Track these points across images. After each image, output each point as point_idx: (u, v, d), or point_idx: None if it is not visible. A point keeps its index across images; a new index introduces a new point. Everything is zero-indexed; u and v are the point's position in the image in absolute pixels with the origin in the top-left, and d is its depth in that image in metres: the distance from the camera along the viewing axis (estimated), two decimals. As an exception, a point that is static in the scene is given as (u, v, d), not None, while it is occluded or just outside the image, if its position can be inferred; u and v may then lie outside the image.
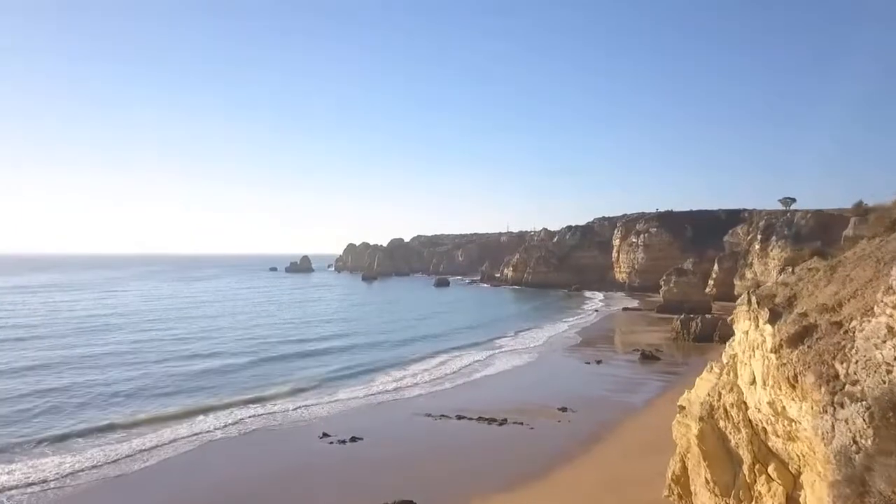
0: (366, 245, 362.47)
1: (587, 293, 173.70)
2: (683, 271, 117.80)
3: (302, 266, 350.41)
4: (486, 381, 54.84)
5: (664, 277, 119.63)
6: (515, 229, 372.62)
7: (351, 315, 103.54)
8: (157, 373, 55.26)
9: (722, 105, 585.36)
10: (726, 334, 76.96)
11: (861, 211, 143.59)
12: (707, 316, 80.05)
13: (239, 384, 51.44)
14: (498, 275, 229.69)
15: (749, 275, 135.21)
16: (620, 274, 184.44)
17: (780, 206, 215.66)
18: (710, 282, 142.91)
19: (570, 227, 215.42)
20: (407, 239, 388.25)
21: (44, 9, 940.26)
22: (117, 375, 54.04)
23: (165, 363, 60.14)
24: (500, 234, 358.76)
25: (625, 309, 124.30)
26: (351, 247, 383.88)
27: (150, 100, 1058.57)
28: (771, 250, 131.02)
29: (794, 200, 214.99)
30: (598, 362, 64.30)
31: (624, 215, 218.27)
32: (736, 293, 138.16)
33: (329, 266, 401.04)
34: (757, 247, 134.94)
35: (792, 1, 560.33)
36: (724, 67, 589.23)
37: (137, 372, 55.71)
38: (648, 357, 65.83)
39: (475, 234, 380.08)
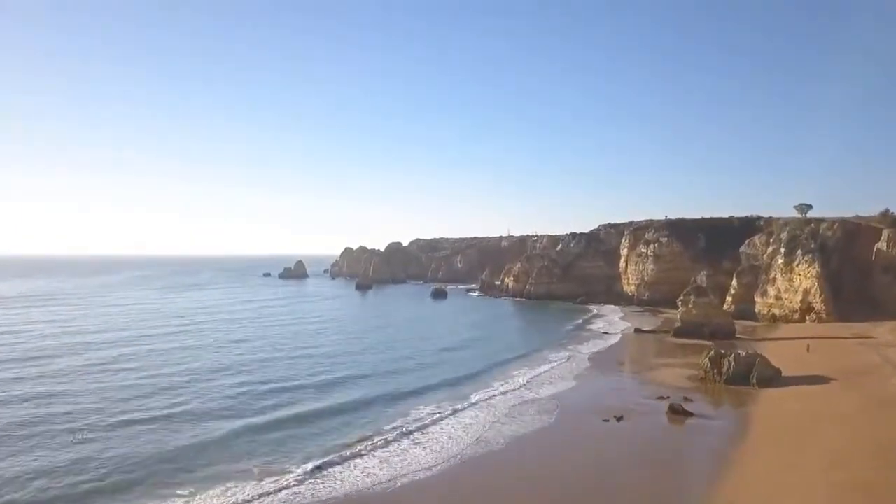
0: (363, 249, 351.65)
1: (593, 307, 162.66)
2: (702, 290, 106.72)
3: (296, 272, 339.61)
4: (475, 472, 43.01)
5: (682, 297, 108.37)
6: (517, 233, 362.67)
7: (333, 349, 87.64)
8: (46, 467, 40.24)
9: (729, 107, 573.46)
10: (764, 377, 66.27)
11: (890, 220, 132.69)
12: (741, 353, 68.86)
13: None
14: (498, 283, 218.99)
15: (772, 292, 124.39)
16: (629, 286, 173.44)
17: (795, 213, 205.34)
18: (728, 298, 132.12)
19: (574, 235, 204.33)
20: (406, 243, 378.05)
21: (42, 8, 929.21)
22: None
23: (77, 443, 45.09)
24: (501, 238, 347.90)
25: (637, 331, 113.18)
26: (348, 251, 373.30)
27: (149, 100, 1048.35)
28: (797, 265, 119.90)
29: (810, 207, 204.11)
30: (619, 419, 53.26)
31: (631, 222, 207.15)
32: (757, 311, 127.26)
33: (325, 271, 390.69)
34: (780, 261, 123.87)
35: (799, 1, 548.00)
36: (730, 69, 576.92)
37: (27, 463, 40.77)
38: (678, 412, 54.79)
39: (475, 237, 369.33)
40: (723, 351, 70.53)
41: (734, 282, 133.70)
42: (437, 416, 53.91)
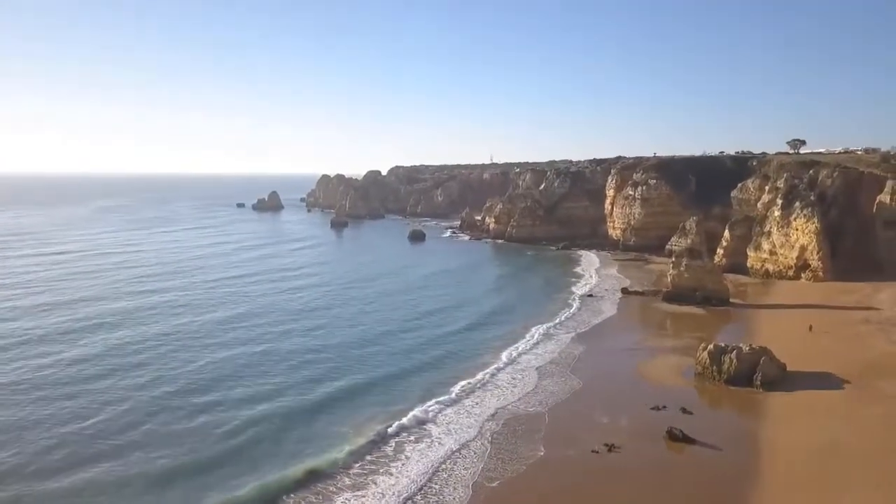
0: (340, 179, 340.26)
1: (579, 254, 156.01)
2: (695, 252, 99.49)
3: (270, 204, 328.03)
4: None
5: (673, 260, 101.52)
6: (500, 160, 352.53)
7: (304, 340, 76.38)
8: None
9: (719, 36, 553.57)
10: (769, 377, 59.78)
11: (890, 167, 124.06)
12: (743, 349, 62.29)
13: None
14: (479, 218, 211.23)
15: (766, 246, 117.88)
16: (614, 230, 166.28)
17: (787, 149, 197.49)
18: (720, 251, 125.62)
19: (558, 173, 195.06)
20: (385, 171, 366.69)
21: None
22: None
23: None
24: (483, 166, 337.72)
25: (625, 291, 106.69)
26: (324, 179, 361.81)
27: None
28: (794, 219, 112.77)
29: (803, 143, 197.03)
30: (611, 449, 46.84)
31: (619, 158, 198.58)
32: (749, 265, 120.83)
33: (301, 199, 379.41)
34: (777, 213, 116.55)
35: None
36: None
37: None
38: (678, 438, 48.37)
39: (457, 165, 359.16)
40: (723, 345, 63.99)
41: (726, 233, 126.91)
42: (405, 454, 46.64)
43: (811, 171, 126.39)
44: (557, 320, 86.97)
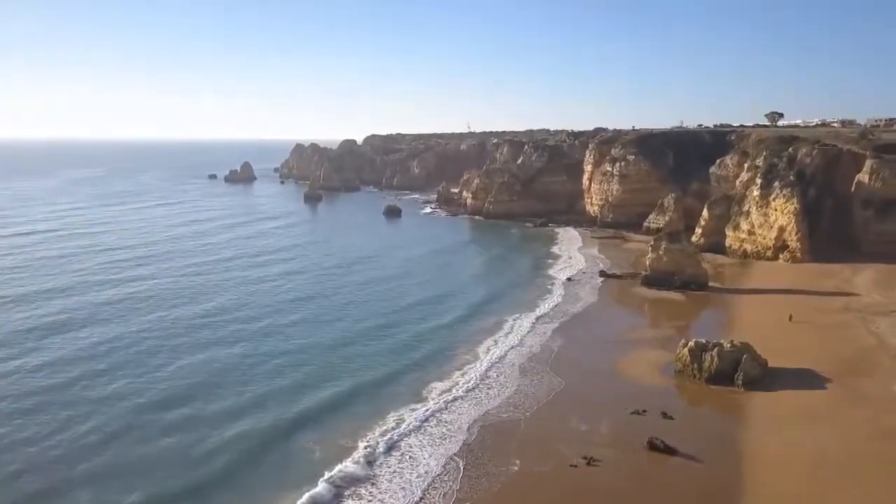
0: (314, 149, 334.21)
1: (557, 230, 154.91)
2: (675, 235, 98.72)
3: (242, 175, 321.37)
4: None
5: (652, 242, 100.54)
6: (477, 129, 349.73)
7: (259, 324, 74.81)
8: None
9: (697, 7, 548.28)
10: (751, 376, 58.99)
11: (873, 147, 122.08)
12: (725, 346, 61.51)
13: None
14: (455, 191, 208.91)
15: (745, 226, 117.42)
16: (592, 206, 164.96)
17: (765, 121, 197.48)
18: (698, 230, 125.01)
19: (536, 146, 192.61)
20: (360, 140, 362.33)
21: None
22: None
23: None
24: (460, 136, 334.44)
25: (603, 275, 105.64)
26: (298, 149, 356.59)
27: None
28: (773, 199, 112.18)
29: (781, 115, 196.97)
30: (590, 462, 45.78)
31: (597, 131, 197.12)
32: (728, 245, 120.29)
33: (274, 170, 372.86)
34: (756, 193, 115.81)
35: None
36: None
37: None
38: (658, 448, 47.50)
39: (433, 134, 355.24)
40: (704, 341, 63.17)
41: (705, 212, 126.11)
42: (376, 474, 45.02)
43: (790, 149, 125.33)
44: (538, 310, 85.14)
